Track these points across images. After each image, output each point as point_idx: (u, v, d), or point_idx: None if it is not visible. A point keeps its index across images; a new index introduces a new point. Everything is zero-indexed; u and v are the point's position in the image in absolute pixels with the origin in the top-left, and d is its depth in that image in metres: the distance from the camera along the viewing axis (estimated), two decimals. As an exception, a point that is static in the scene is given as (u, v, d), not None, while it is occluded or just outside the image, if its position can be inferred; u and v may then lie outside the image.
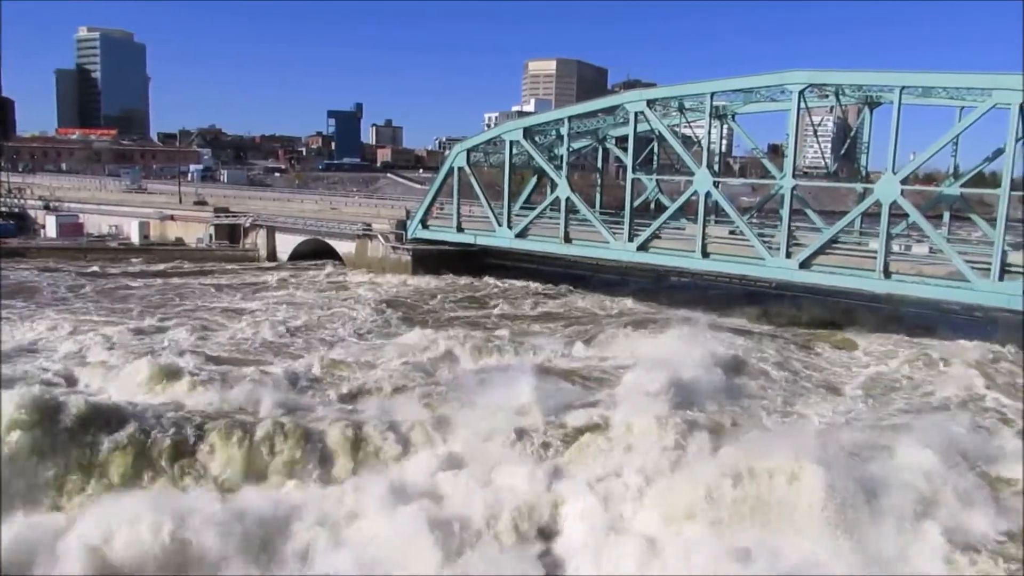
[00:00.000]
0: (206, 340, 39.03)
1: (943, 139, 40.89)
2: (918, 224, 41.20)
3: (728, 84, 47.05)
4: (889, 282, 40.31)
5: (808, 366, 38.39)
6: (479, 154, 60.68)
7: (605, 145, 62.63)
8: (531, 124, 56.71)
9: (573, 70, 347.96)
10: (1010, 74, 36.21)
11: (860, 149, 54.02)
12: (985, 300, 38.45)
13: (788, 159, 45.28)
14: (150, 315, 44.61)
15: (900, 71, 40.23)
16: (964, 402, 32.84)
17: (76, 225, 75.26)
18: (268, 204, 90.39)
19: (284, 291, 55.11)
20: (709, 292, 55.22)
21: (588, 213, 52.04)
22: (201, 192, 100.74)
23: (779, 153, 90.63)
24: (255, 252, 70.69)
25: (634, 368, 33.54)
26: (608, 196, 65.64)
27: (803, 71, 42.11)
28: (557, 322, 47.19)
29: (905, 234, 48.75)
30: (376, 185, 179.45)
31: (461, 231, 58.83)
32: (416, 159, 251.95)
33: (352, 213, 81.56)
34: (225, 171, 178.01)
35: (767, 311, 48.89)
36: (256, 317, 44.89)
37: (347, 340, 40.81)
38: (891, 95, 41.08)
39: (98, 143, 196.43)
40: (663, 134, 50.20)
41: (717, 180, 47.83)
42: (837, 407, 32.06)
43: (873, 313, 48.07)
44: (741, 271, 48.59)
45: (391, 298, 52.47)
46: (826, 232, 44.25)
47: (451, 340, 38.37)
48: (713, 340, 39.29)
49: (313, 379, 32.45)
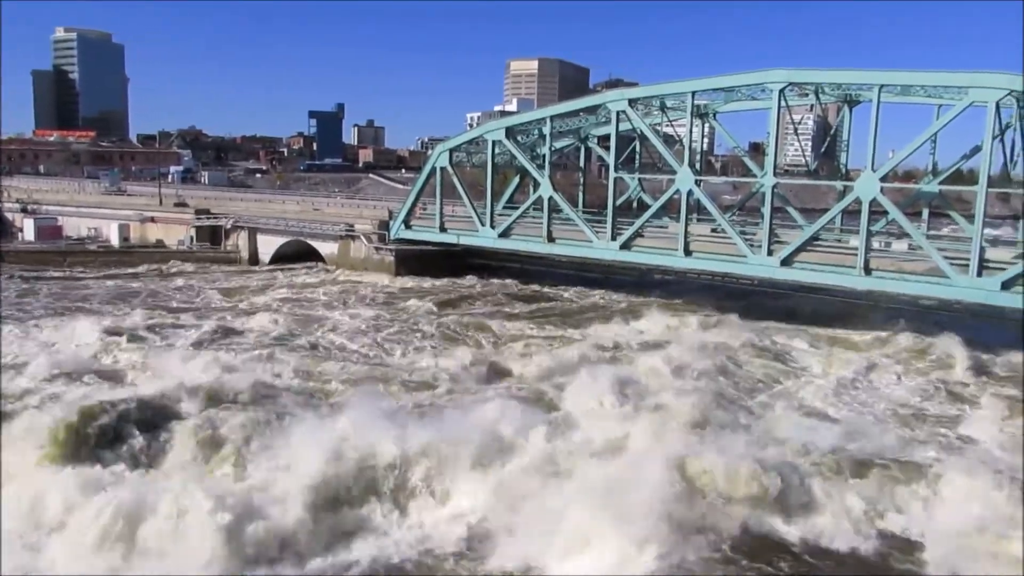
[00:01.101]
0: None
1: (921, 137, 41.28)
2: (898, 221, 41.59)
3: (709, 83, 47.29)
4: (870, 279, 40.62)
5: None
6: (461, 154, 60.60)
7: (587, 144, 62.81)
8: (513, 124, 56.73)
9: (555, 70, 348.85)
10: (987, 72, 36.61)
11: (840, 147, 54.45)
12: (964, 296, 38.89)
13: (769, 157, 45.60)
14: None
15: (879, 70, 40.58)
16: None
17: (55, 228, 74.50)
18: (250, 205, 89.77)
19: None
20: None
21: (571, 212, 52.13)
22: (182, 194, 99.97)
23: (760, 151, 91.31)
24: (237, 254, 70.25)
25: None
26: (591, 195, 65.87)
27: (783, 70, 42.33)
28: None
29: (885, 231, 49.16)
30: (358, 185, 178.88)
31: (444, 231, 58.75)
32: (398, 159, 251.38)
33: (334, 214, 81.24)
34: (206, 172, 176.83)
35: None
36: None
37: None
38: (870, 93, 41.36)
39: (76, 145, 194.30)
40: (645, 133, 50.41)
41: (699, 179, 48.03)
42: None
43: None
44: (723, 269, 48.82)
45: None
46: (807, 229, 44.53)
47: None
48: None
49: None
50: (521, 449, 24.34)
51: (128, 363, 33.85)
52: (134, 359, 34.21)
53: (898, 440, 26.58)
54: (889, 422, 29.77)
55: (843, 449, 24.65)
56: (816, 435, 25.99)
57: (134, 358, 34.33)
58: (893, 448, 25.35)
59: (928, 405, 32.61)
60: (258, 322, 43.33)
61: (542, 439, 24.85)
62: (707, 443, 24.47)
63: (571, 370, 33.56)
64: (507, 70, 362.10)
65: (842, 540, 20.78)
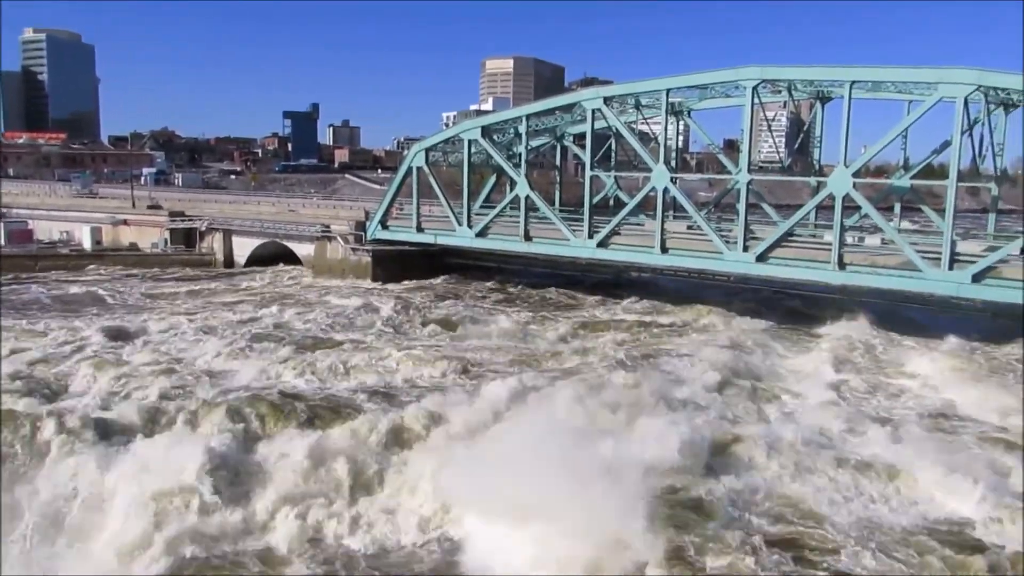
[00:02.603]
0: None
1: (893, 132, 41.84)
2: (870, 216, 42.07)
3: (683, 81, 47.53)
4: (844, 273, 41.03)
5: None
6: (438, 153, 60.41)
7: (563, 143, 62.84)
8: (489, 123, 56.63)
9: (530, 68, 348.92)
10: (955, 68, 37.08)
11: (813, 143, 54.89)
12: (935, 288, 39.34)
13: (743, 154, 45.90)
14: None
15: (850, 66, 40.96)
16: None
17: (25, 232, 73.53)
18: (224, 207, 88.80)
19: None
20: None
21: (547, 211, 52.17)
22: (155, 196, 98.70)
23: (735, 148, 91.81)
24: (212, 256, 69.68)
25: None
26: (567, 193, 65.90)
27: (756, 67, 42.63)
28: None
29: (858, 226, 49.68)
30: (334, 186, 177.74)
31: (421, 231, 58.57)
32: (374, 159, 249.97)
33: (310, 215, 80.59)
34: (179, 174, 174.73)
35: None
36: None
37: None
38: (842, 90, 41.77)
39: (47, 147, 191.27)
40: (620, 131, 50.55)
41: (674, 176, 48.26)
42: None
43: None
44: (700, 265, 49.04)
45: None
46: (782, 225, 44.91)
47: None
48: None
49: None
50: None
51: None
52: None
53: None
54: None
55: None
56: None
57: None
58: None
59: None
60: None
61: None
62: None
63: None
64: (483, 69, 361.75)
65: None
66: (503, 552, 20.41)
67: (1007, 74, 37.20)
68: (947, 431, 28.41)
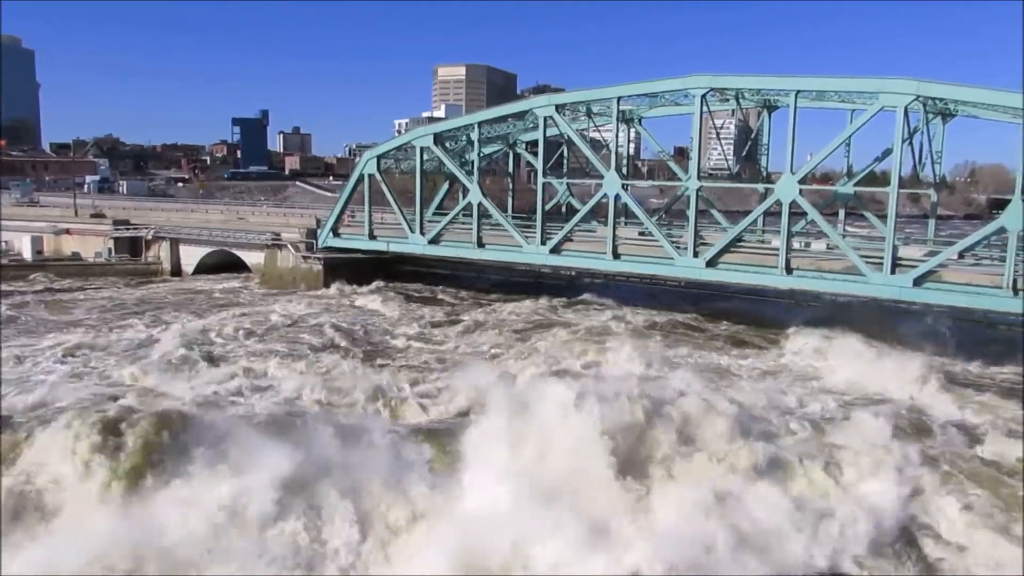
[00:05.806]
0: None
1: (836, 140, 42.66)
2: (816, 221, 42.93)
3: (633, 89, 47.92)
4: (791, 278, 41.75)
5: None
6: (390, 161, 60.10)
7: (516, 150, 63.00)
8: (441, 130, 56.46)
9: (483, 75, 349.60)
10: (895, 78, 38.08)
11: (760, 151, 55.84)
12: (878, 292, 40.09)
13: (693, 161, 46.45)
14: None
15: (795, 75, 41.78)
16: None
17: (-39, 242, 71.09)
18: (171, 215, 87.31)
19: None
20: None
21: (500, 218, 52.24)
22: (99, 204, 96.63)
23: (684, 155, 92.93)
24: (159, 265, 68.27)
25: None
26: (520, 200, 66.02)
27: (704, 75, 43.25)
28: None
29: (805, 231, 50.66)
30: (285, 193, 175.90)
31: (373, 239, 58.14)
32: (326, 166, 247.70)
33: (260, 223, 79.58)
34: (124, 182, 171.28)
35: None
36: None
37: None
38: (787, 99, 42.57)
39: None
40: (572, 138, 50.83)
41: (626, 183, 48.64)
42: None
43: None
44: (651, 271, 49.58)
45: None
46: (731, 231, 45.55)
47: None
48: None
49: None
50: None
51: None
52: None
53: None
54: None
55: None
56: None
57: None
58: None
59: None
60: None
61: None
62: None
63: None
64: (435, 76, 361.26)
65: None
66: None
67: (945, 84, 38.22)
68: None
